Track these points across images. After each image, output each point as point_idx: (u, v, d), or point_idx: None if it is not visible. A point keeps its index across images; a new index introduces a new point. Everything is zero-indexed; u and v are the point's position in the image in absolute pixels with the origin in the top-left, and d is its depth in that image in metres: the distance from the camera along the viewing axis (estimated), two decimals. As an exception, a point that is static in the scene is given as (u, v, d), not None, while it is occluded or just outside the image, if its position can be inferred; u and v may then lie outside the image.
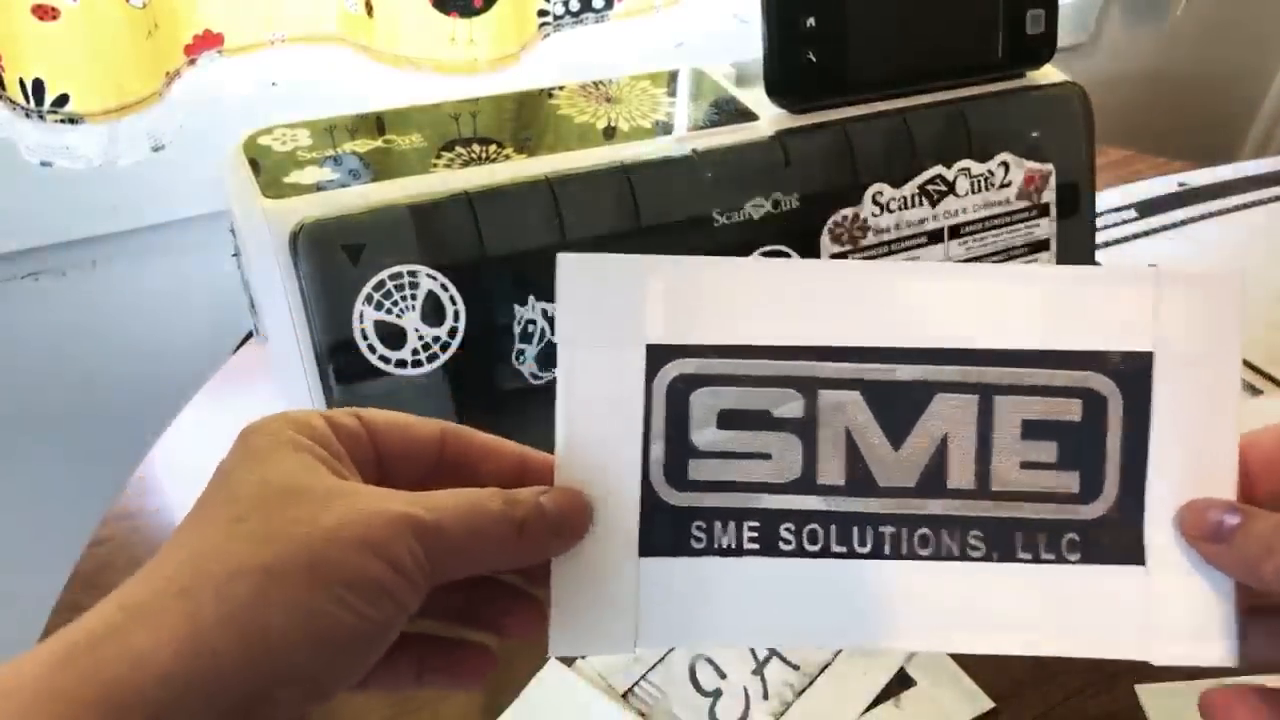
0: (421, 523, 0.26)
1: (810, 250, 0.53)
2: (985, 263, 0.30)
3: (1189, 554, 0.30)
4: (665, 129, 0.52)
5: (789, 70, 0.52)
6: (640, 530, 0.30)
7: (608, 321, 0.30)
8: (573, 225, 0.48)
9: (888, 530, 0.29)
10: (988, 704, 0.45)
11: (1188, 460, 0.30)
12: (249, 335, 0.65)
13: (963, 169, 0.56)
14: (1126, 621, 0.29)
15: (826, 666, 0.46)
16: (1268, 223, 0.76)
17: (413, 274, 0.45)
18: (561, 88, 0.56)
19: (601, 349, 0.30)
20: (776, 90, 0.53)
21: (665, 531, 0.30)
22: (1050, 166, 0.58)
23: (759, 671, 0.46)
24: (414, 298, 0.45)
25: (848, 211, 0.53)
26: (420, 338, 0.45)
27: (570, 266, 0.30)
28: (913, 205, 0.55)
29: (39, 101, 0.57)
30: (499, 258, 0.47)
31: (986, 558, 0.29)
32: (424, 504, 0.27)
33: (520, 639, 0.31)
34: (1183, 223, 0.76)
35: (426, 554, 0.26)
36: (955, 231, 0.56)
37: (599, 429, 0.30)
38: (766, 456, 0.30)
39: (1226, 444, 0.30)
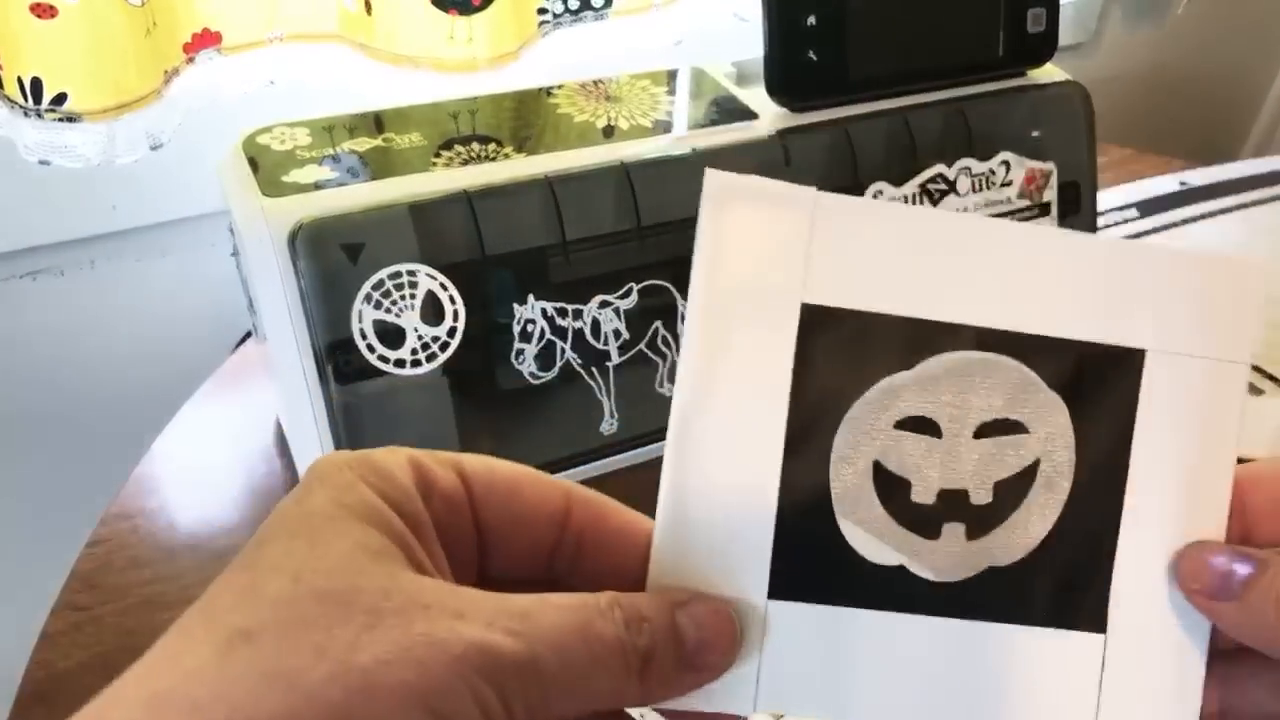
0: (499, 658, 0.19)
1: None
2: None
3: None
4: (665, 128, 0.52)
5: (790, 69, 0.52)
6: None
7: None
8: (572, 224, 0.47)
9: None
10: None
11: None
12: (247, 335, 0.65)
13: (964, 168, 0.55)
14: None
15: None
16: (1269, 221, 0.76)
17: (412, 273, 0.45)
18: (561, 86, 0.56)
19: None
20: (777, 89, 0.52)
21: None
22: (1051, 165, 0.58)
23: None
24: (413, 297, 0.45)
25: (848, 210, 0.53)
26: (419, 337, 0.45)
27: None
28: (914, 204, 0.55)
29: (37, 100, 0.57)
30: (498, 257, 0.47)
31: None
32: (509, 623, 0.20)
33: None
34: (1184, 222, 0.76)
35: (506, 703, 0.19)
36: (956, 231, 0.56)
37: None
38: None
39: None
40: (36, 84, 0.57)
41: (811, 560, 0.25)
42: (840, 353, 0.25)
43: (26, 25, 0.55)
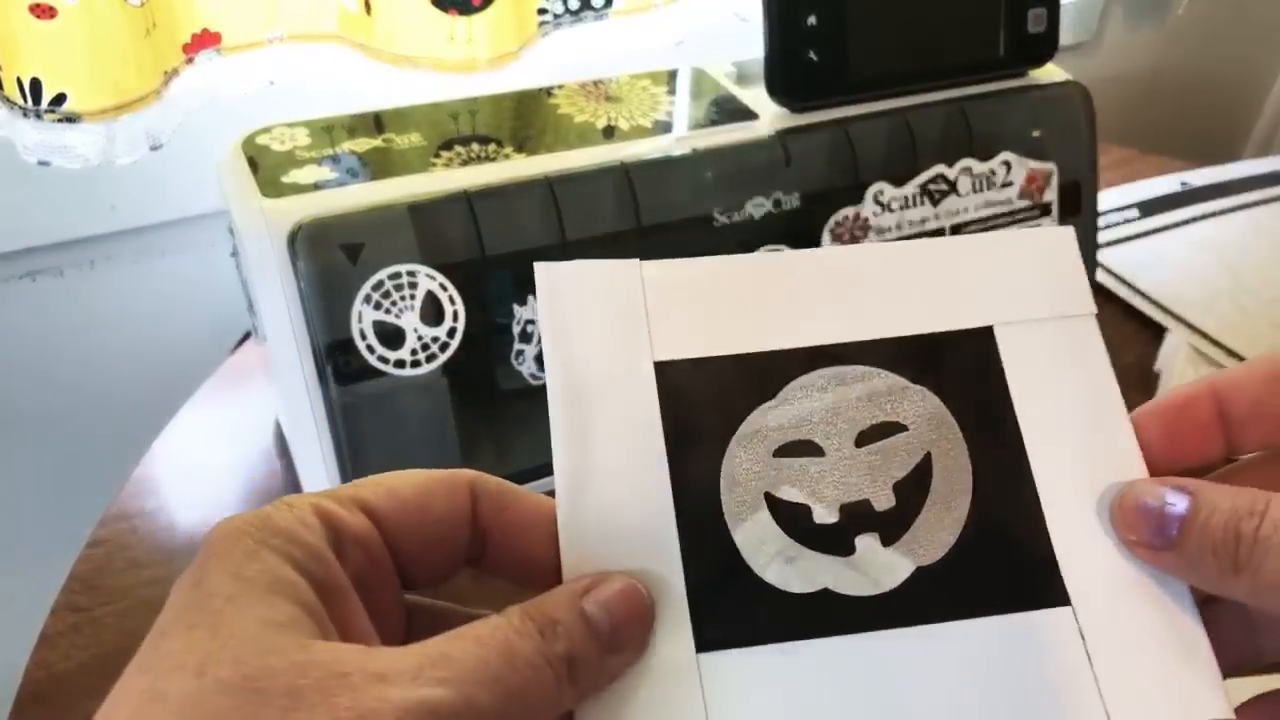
0: (436, 711, 0.18)
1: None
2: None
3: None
4: (665, 128, 0.52)
5: (790, 69, 0.52)
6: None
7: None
8: (572, 225, 0.47)
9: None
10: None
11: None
12: (247, 335, 0.65)
13: (964, 168, 0.55)
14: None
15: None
16: (1270, 222, 0.76)
17: (411, 274, 0.45)
18: (561, 86, 0.55)
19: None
20: (777, 89, 0.52)
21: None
22: (1052, 165, 0.58)
23: None
24: (413, 297, 0.45)
25: (849, 211, 0.53)
26: (419, 338, 0.45)
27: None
28: (914, 204, 0.54)
29: (36, 100, 0.57)
30: (498, 257, 0.46)
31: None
32: (434, 673, 0.19)
33: None
34: (1185, 222, 0.76)
35: None
36: (957, 231, 0.56)
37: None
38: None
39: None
40: (36, 84, 0.56)
41: (732, 605, 0.24)
42: (703, 400, 0.25)
43: (26, 26, 0.55)
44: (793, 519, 0.25)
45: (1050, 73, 0.58)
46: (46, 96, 0.57)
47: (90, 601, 0.48)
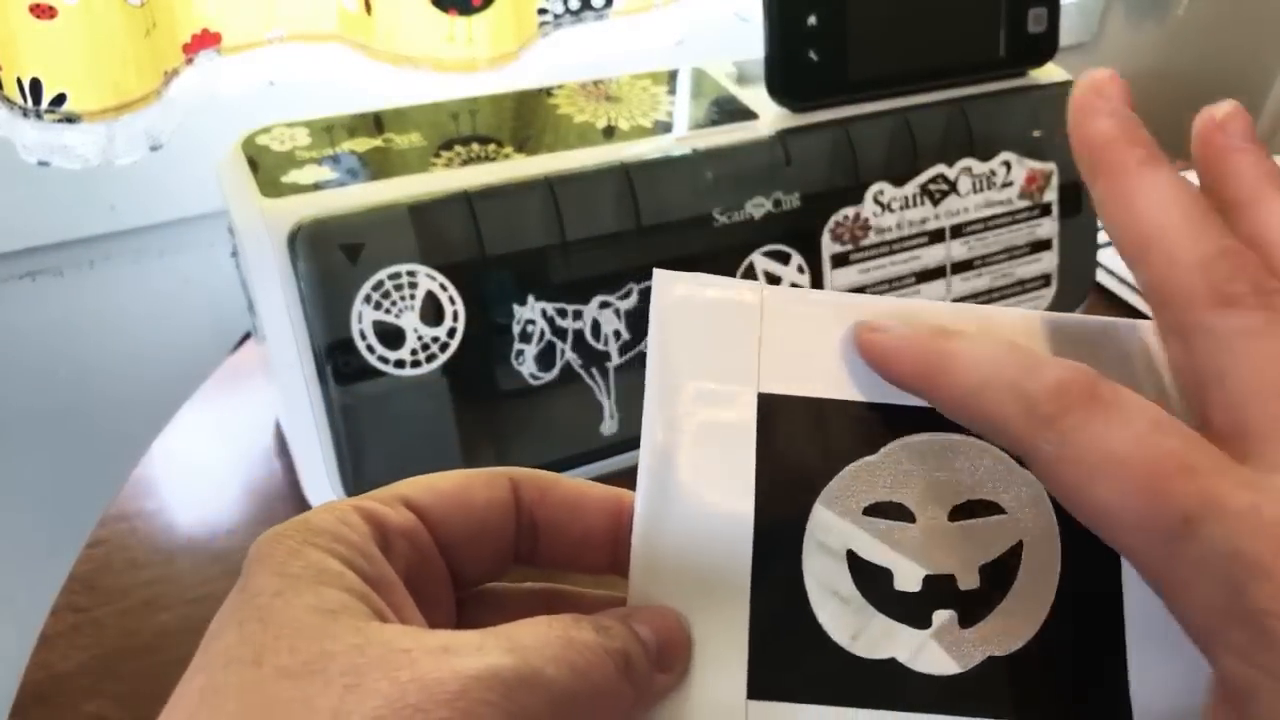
0: (504, 677, 0.18)
1: (811, 250, 0.53)
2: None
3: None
4: (665, 128, 0.52)
5: (790, 69, 0.52)
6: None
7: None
8: (572, 225, 0.47)
9: None
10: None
11: None
12: (247, 335, 0.65)
13: (964, 168, 0.55)
14: None
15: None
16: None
17: (411, 274, 0.45)
18: (561, 86, 0.55)
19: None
20: (777, 89, 0.52)
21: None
22: (1052, 166, 0.58)
23: None
24: (413, 297, 0.45)
25: (849, 211, 0.53)
26: (419, 338, 0.45)
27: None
28: (914, 204, 0.54)
29: (36, 101, 0.57)
30: (498, 257, 0.46)
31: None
32: (498, 643, 0.19)
33: None
34: (1185, 222, 0.76)
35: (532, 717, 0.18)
36: (957, 231, 0.56)
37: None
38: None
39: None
40: (36, 84, 0.56)
41: (792, 657, 0.23)
42: (801, 441, 0.24)
43: (26, 26, 0.55)
44: (872, 581, 0.23)
45: (1050, 73, 0.58)
46: (46, 96, 0.57)
47: (90, 602, 0.48)
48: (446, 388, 0.46)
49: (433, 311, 0.45)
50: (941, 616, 0.23)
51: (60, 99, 0.57)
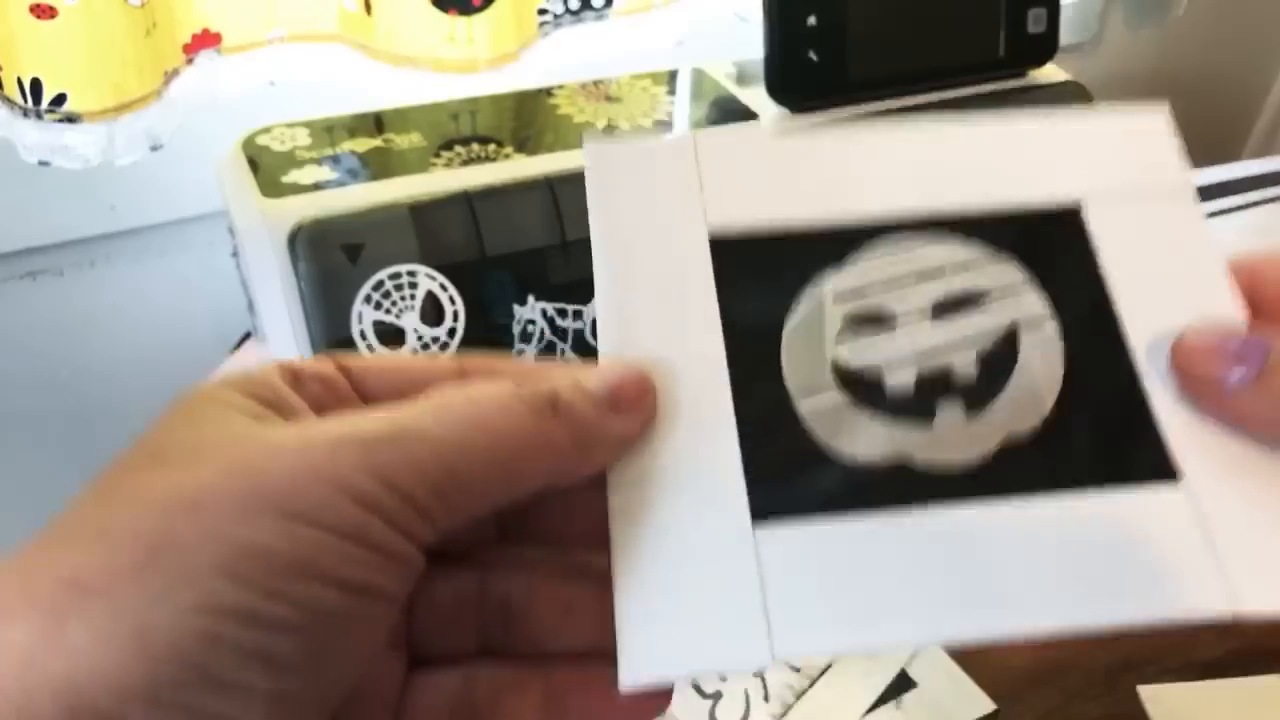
0: (363, 438, 0.17)
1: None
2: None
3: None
4: (665, 128, 0.52)
5: (790, 69, 0.52)
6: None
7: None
8: (573, 225, 0.47)
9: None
10: (989, 705, 0.45)
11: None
12: (247, 335, 0.65)
13: (964, 168, 0.55)
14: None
15: (827, 668, 0.46)
16: (1270, 222, 0.76)
17: (412, 274, 0.45)
18: (561, 87, 0.55)
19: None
20: (777, 89, 0.52)
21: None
22: (1052, 166, 0.58)
23: (759, 673, 0.46)
24: (413, 297, 0.45)
25: (849, 211, 0.53)
26: (419, 338, 0.45)
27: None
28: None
29: (37, 101, 0.57)
30: (498, 257, 0.46)
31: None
32: (371, 417, 0.18)
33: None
34: (1184, 222, 0.76)
35: (397, 487, 0.17)
36: (956, 231, 0.56)
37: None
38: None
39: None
40: (36, 85, 0.57)
41: (791, 474, 0.22)
42: (761, 268, 0.23)
43: (26, 26, 0.55)
44: (864, 389, 0.23)
45: (1050, 73, 0.58)
46: (47, 97, 0.57)
47: (90, 601, 0.48)
48: (447, 388, 0.46)
49: (433, 311, 0.45)
50: (946, 407, 0.23)
51: (60, 99, 0.57)
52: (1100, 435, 0.22)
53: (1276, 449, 0.21)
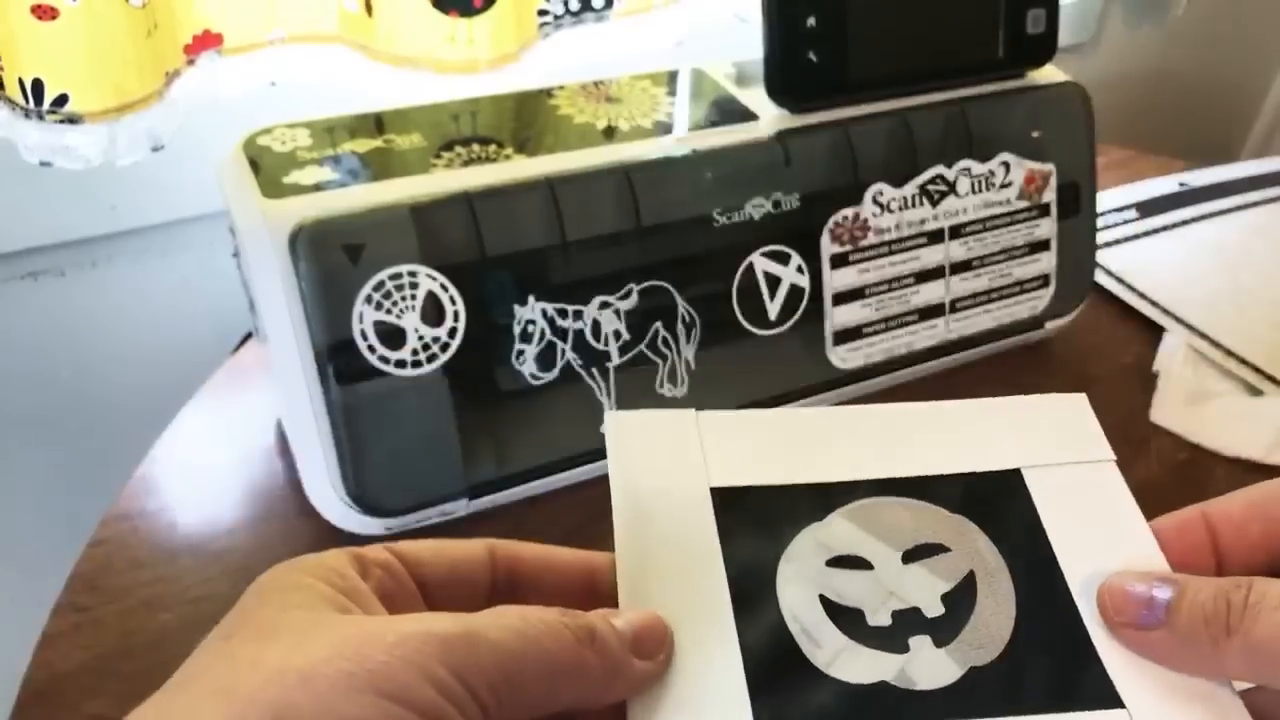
0: (442, 635, 0.20)
1: (811, 250, 0.53)
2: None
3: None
4: (665, 129, 0.52)
5: (790, 70, 0.52)
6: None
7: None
8: (572, 225, 0.48)
9: None
10: None
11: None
12: (248, 335, 0.65)
13: (963, 169, 0.55)
14: None
15: None
16: (1270, 222, 0.76)
17: (412, 274, 0.45)
18: (561, 87, 0.56)
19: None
20: (777, 90, 0.53)
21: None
22: (1051, 166, 0.58)
23: None
24: (413, 298, 0.45)
25: (848, 211, 0.53)
26: (420, 338, 0.45)
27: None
28: (913, 205, 0.55)
29: (38, 101, 0.57)
30: (499, 258, 0.47)
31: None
32: (447, 617, 0.21)
33: None
34: (1184, 223, 0.76)
35: (465, 681, 0.20)
36: (956, 232, 0.56)
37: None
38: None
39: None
40: (38, 85, 0.57)
41: (789, 693, 0.25)
42: (757, 520, 0.28)
43: (27, 27, 0.55)
44: (848, 621, 0.27)
45: (1049, 73, 0.58)
46: (48, 97, 0.57)
47: (92, 601, 0.48)
48: (447, 388, 0.46)
49: (433, 312, 0.45)
50: (917, 641, 0.27)
51: (62, 100, 0.57)
52: (1053, 667, 0.26)
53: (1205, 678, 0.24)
